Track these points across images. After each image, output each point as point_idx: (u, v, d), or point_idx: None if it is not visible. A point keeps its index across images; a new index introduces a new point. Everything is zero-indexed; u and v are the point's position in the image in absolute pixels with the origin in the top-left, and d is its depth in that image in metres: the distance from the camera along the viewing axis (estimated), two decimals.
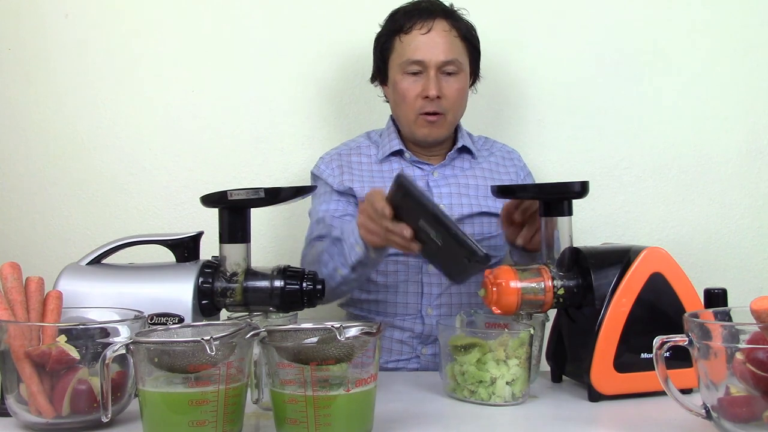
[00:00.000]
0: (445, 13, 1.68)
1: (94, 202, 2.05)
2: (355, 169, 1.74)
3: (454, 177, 1.72)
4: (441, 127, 1.68)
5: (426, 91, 1.64)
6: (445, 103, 1.65)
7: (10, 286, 1.11)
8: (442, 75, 1.65)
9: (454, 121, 1.70)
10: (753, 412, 0.93)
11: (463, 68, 1.67)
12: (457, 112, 1.70)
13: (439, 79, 1.64)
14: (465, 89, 1.70)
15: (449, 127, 1.70)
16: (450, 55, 1.65)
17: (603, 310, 1.24)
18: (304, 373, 0.97)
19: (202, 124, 2.04)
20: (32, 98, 2.06)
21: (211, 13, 2.05)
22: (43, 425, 1.07)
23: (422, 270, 1.67)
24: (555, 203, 1.30)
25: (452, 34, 1.66)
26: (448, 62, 1.65)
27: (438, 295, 1.66)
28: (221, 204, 1.29)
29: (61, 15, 2.05)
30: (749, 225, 2.00)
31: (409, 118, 1.69)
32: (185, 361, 0.96)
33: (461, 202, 1.69)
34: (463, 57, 1.68)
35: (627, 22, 2.01)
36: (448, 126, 1.69)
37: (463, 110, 1.72)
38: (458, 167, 1.74)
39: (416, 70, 1.65)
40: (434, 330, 1.65)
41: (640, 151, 2.01)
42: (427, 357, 1.67)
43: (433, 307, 1.66)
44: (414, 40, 1.65)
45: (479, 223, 1.70)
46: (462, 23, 1.69)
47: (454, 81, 1.66)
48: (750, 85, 2.01)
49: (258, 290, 1.28)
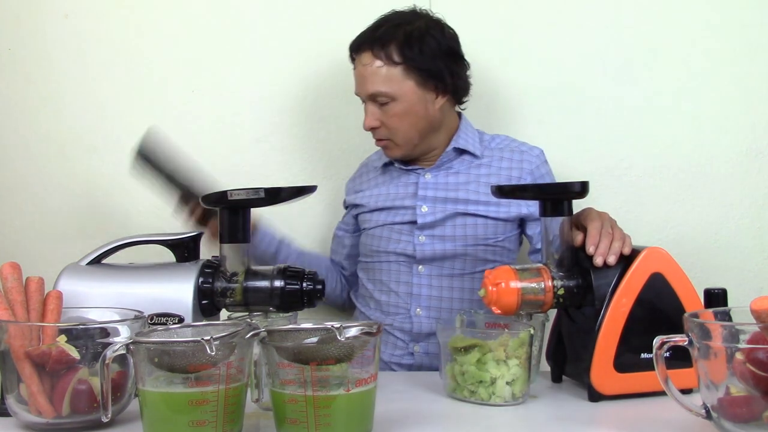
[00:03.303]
0: (368, 43, 1.66)
1: (94, 202, 2.05)
2: (364, 182, 1.84)
3: (445, 177, 1.73)
4: (393, 150, 1.72)
5: (364, 123, 1.69)
6: (384, 131, 1.68)
7: (10, 286, 1.11)
8: (377, 105, 1.66)
9: (409, 143, 1.69)
10: (753, 412, 0.93)
11: (395, 95, 1.64)
12: (406, 134, 1.68)
13: (374, 111, 1.67)
14: (404, 113, 1.65)
15: (404, 149, 1.71)
16: (371, 88, 1.65)
17: (603, 310, 1.24)
18: (304, 373, 0.97)
19: (202, 124, 2.04)
20: (32, 98, 2.06)
21: (211, 13, 2.05)
22: (43, 425, 1.07)
23: (412, 271, 1.70)
24: (555, 203, 1.30)
25: (374, 65, 1.64)
26: (374, 95, 1.65)
27: (428, 296, 1.68)
28: (221, 204, 1.29)
29: (61, 15, 2.05)
30: (749, 225, 2.00)
31: None
32: (185, 361, 0.96)
33: (446, 206, 1.70)
34: (394, 83, 1.64)
35: (627, 22, 2.01)
36: (403, 148, 1.70)
37: (421, 128, 1.68)
38: (454, 168, 1.74)
39: (362, 100, 1.71)
40: (423, 328, 1.67)
41: (640, 151, 2.01)
42: (420, 354, 1.69)
43: (422, 308, 1.68)
44: (354, 74, 1.71)
45: (472, 225, 1.68)
46: (391, 48, 1.64)
47: (389, 109, 1.65)
48: (750, 85, 2.00)
49: (258, 290, 1.28)
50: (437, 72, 1.67)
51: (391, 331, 1.70)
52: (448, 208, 1.69)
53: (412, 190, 1.74)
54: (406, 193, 1.75)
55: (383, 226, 1.74)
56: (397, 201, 1.74)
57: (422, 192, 1.72)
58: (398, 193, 1.76)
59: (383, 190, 1.78)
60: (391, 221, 1.73)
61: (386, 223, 1.74)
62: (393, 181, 1.78)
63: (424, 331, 1.68)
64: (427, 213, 1.70)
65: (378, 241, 1.74)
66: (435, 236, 1.69)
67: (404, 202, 1.73)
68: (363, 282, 1.79)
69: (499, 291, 1.25)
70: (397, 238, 1.72)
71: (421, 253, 1.69)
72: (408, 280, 1.70)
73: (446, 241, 1.68)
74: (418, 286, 1.69)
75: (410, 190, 1.74)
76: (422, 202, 1.71)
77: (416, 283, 1.69)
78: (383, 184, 1.80)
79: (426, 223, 1.69)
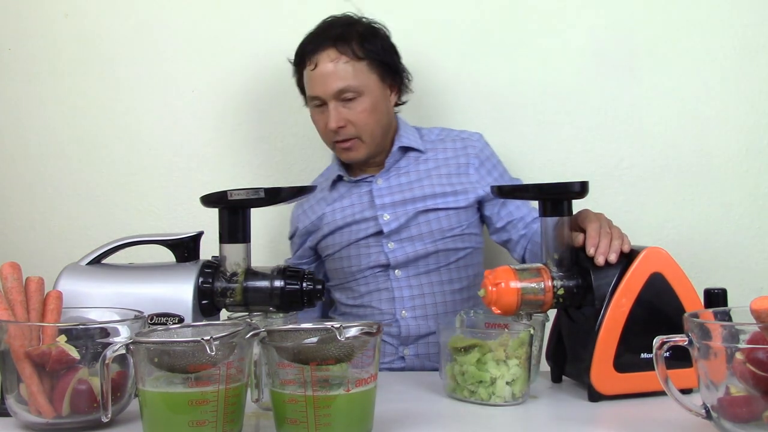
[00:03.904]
0: (331, 40, 1.66)
1: (94, 202, 2.05)
2: (314, 205, 1.79)
3: (397, 178, 1.73)
4: (359, 150, 1.70)
5: (328, 124, 1.66)
6: (352, 129, 1.66)
7: (10, 286, 1.11)
8: (343, 102, 1.65)
9: (373, 140, 1.69)
10: (753, 412, 0.93)
11: (363, 89, 1.65)
12: (373, 130, 1.68)
13: (339, 109, 1.65)
14: (372, 108, 1.67)
15: (369, 147, 1.70)
16: (340, 83, 1.64)
17: (603, 310, 1.24)
18: (304, 373, 0.97)
19: (202, 124, 2.04)
20: (32, 98, 2.06)
21: (211, 13, 2.05)
22: (43, 425, 1.07)
23: (390, 276, 1.69)
24: (555, 203, 1.30)
25: (341, 60, 1.64)
26: (341, 91, 1.64)
27: (410, 297, 1.68)
28: (221, 204, 1.29)
29: (61, 15, 2.05)
30: (749, 225, 2.00)
31: (329, 146, 1.74)
32: (185, 361, 0.96)
33: (406, 208, 1.70)
34: (361, 77, 1.65)
35: (627, 22, 2.01)
36: (368, 146, 1.70)
37: (383, 124, 1.71)
38: (403, 168, 1.74)
39: (318, 104, 1.68)
40: (411, 331, 1.68)
41: (640, 151, 2.01)
42: (411, 357, 1.69)
43: (407, 310, 1.68)
44: (308, 77, 1.69)
45: (435, 219, 1.69)
46: (354, 43, 1.66)
47: (357, 105, 1.65)
48: (750, 84, 2.00)
49: (258, 290, 1.28)
50: (395, 67, 1.72)
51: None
52: (408, 209, 1.69)
53: (368, 199, 1.72)
54: (362, 204, 1.73)
55: (349, 246, 1.72)
56: (357, 215, 1.72)
57: (379, 200, 1.71)
58: (354, 207, 1.73)
59: (337, 206, 1.75)
60: (356, 238, 1.71)
61: (351, 242, 1.71)
62: (345, 196, 1.76)
63: (413, 333, 1.67)
64: (390, 220, 1.69)
65: (349, 262, 1.72)
66: (403, 239, 1.69)
67: (364, 215, 1.71)
68: (342, 302, 1.76)
69: (499, 291, 1.25)
70: (366, 252, 1.70)
71: (394, 259, 1.68)
72: (387, 287, 1.70)
73: (415, 241, 1.68)
74: (399, 289, 1.69)
75: (365, 199, 1.73)
76: (382, 210, 1.70)
77: (396, 287, 1.69)
78: (336, 201, 1.76)
79: (392, 230, 1.69)
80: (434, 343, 1.66)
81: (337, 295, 1.79)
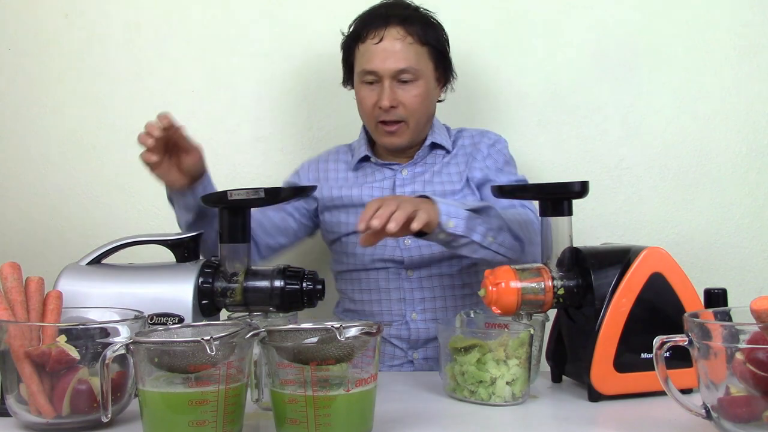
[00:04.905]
0: (399, 18, 1.63)
1: (94, 202, 2.05)
2: (332, 176, 1.75)
3: (422, 174, 1.70)
4: (402, 136, 1.66)
5: (380, 101, 1.62)
6: (402, 111, 1.63)
7: (10, 286, 1.11)
8: (398, 83, 1.62)
9: (417, 127, 1.67)
10: (753, 412, 0.93)
11: (421, 74, 1.63)
12: (420, 117, 1.66)
13: (394, 89, 1.61)
14: (425, 94, 1.65)
15: (413, 134, 1.67)
16: (403, 63, 1.61)
17: (603, 310, 1.23)
18: (304, 373, 0.97)
19: (202, 124, 2.04)
20: (32, 98, 2.06)
21: (210, 13, 2.05)
22: (43, 425, 1.07)
23: (401, 276, 1.66)
24: (555, 203, 1.30)
25: (407, 41, 1.62)
26: (402, 71, 1.61)
27: (421, 299, 1.65)
28: (221, 204, 1.29)
29: (61, 15, 2.05)
30: (749, 225, 2.00)
31: (370, 126, 1.69)
32: (185, 361, 0.96)
33: None
34: (422, 62, 1.63)
35: (627, 22, 2.01)
36: (411, 133, 1.66)
37: (429, 114, 1.69)
38: (429, 164, 1.72)
39: (372, 80, 1.64)
40: (421, 334, 1.65)
41: (640, 151, 2.01)
42: (420, 361, 1.67)
43: (417, 312, 1.66)
44: (367, 50, 1.63)
45: None
46: (418, 27, 1.64)
47: (412, 88, 1.62)
48: (750, 84, 2.01)
49: (258, 290, 1.28)
50: (448, 61, 1.71)
51: (389, 339, 1.67)
52: None
53: (389, 185, 1.69)
54: (382, 190, 1.69)
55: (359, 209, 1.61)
56: (375, 192, 1.69)
57: (400, 190, 1.68)
58: (374, 191, 1.69)
59: (357, 186, 1.71)
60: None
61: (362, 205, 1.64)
62: (368, 178, 1.72)
63: (422, 337, 1.65)
64: None
65: (362, 250, 1.66)
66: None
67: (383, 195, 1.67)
68: (349, 295, 1.72)
69: (499, 291, 1.25)
70: (381, 243, 1.57)
71: (409, 259, 1.65)
72: (398, 286, 1.66)
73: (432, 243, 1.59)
74: (410, 290, 1.66)
75: (387, 185, 1.69)
76: None
77: (408, 287, 1.66)
78: (355, 180, 1.72)
79: None
80: None
81: (342, 287, 1.75)
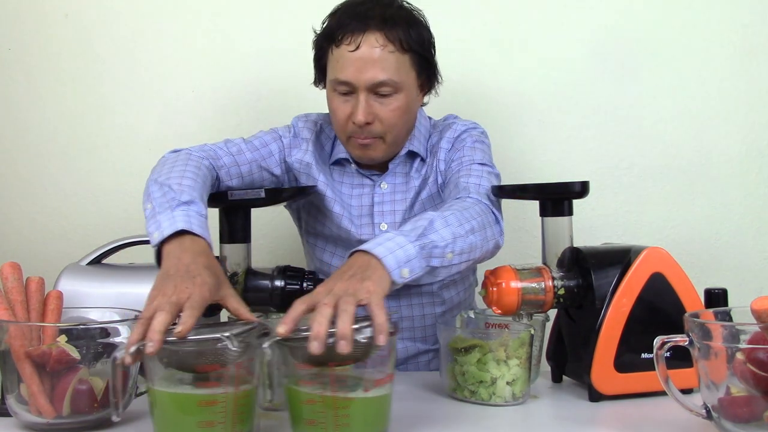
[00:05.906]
0: (380, 21, 1.40)
1: (94, 202, 2.05)
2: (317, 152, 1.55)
3: (403, 185, 1.55)
4: (376, 150, 1.48)
5: (354, 116, 1.42)
6: (378, 126, 1.44)
7: (11, 286, 1.11)
8: (375, 96, 1.42)
9: (395, 141, 1.48)
10: (753, 412, 0.93)
11: (401, 86, 1.42)
12: (399, 132, 1.47)
13: (370, 102, 1.41)
14: (405, 107, 1.45)
15: (389, 149, 1.49)
16: (382, 75, 1.40)
17: (603, 310, 1.24)
18: (323, 374, 0.97)
19: (202, 124, 2.04)
20: (32, 98, 2.06)
21: (210, 13, 2.05)
22: (44, 425, 1.07)
23: None
24: (555, 203, 1.31)
25: (387, 49, 1.40)
26: (380, 83, 1.40)
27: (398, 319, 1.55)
28: (221, 204, 1.29)
29: (61, 15, 2.05)
30: (749, 225, 2.00)
31: (341, 138, 1.50)
32: (195, 362, 0.96)
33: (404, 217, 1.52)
34: (403, 72, 1.42)
35: (627, 22, 2.01)
36: (387, 148, 1.48)
37: (408, 127, 1.51)
38: (407, 174, 1.55)
39: (345, 90, 1.43)
40: (400, 353, 1.56)
41: (640, 151, 2.01)
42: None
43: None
44: (342, 57, 1.41)
45: None
46: (401, 31, 1.41)
47: (391, 101, 1.42)
48: (750, 84, 2.01)
49: (258, 290, 1.28)
50: (433, 66, 1.50)
51: None
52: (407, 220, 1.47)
53: (368, 201, 1.54)
54: (360, 204, 1.55)
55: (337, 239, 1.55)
56: (354, 210, 1.54)
57: (378, 207, 1.53)
58: (352, 204, 1.55)
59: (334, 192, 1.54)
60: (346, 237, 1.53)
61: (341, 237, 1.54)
62: (344, 183, 1.56)
63: (401, 356, 1.57)
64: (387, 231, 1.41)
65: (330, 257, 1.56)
66: None
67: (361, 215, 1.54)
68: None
69: (499, 291, 1.25)
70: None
71: None
72: None
73: None
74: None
75: (366, 202, 1.54)
76: (380, 218, 1.53)
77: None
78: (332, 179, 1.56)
79: None
80: (425, 361, 1.59)
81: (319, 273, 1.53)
